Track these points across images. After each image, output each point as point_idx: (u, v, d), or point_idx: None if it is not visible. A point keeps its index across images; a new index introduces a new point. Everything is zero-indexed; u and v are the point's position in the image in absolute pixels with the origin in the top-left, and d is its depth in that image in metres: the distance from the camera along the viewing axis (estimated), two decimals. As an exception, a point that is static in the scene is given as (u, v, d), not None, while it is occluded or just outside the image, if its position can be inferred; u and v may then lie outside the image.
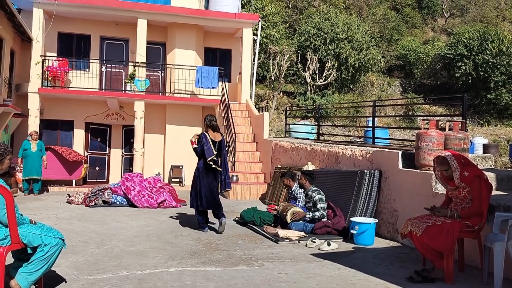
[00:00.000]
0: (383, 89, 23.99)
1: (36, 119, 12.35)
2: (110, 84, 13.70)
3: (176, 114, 13.96)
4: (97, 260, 4.69)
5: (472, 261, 4.62)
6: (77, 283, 3.86)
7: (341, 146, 8.20)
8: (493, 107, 22.02)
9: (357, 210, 6.34)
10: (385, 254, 5.22)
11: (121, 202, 8.99)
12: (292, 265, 4.63)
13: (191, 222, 7.04)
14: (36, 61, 12.53)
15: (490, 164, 6.61)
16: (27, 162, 10.51)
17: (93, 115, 13.85)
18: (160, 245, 5.50)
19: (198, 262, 4.69)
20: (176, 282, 3.97)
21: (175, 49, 14.22)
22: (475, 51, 21.91)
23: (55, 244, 3.46)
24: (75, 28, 14.00)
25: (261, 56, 20.29)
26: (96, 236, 5.96)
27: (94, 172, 14.07)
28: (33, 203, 9.16)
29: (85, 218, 7.41)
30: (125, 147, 14.47)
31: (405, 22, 30.46)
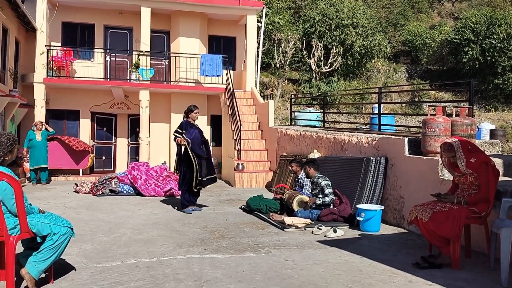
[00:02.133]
0: (389, 75, 23.79)
1: (42, 109, 12.40)
2: (115, 73, 13.70)
3: (181, 103, 13.93)
4: (106, 248, 4.74)
5: (478, 247, 4.62)
6: (86, 271, 3.91)
7: (347, 133, 8.18)
8: (500, 92, 21.79)
9: (363, 197, 6.34)
10: (391, 241, 5.23)
11: (128, 191, 9.05)
12: (299, 252, 4.66)
13: (198, 210, 7.09)
14: (40, 51, 12.54)
15: (497, 150, 6.57)
16: (33, 152, 10.59)
17: (99, 105, 13.88)
18: (168, 233, 5.54)
19: (206, 249, 4.73)
20: (184, 269, 4.01)
21: (179, 37, 14.16)
22: (482, 36, 21.62)
23: (64, 233, 3.49)
24: (79, 17, 13.96)
25: (266, 43, 20.16)
26: (104, 224, 6.01)
27: (100, 162, 14.15)
28: (41, 193, 9.25)
29: (93, 207, 7.48)
30: (131, 136, 14.52)
31: (411, 7, 30.06)
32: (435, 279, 3.76)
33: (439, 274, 3.92)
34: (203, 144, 7.16)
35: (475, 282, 3.73)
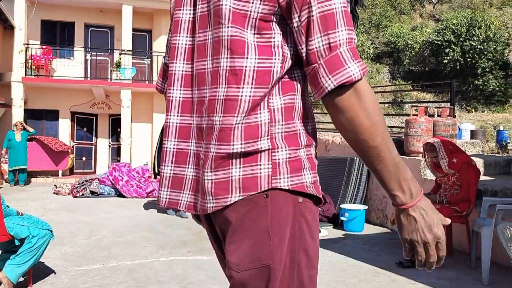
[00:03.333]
0: (371, 76, 24.06)
1: (20, 109, 12.13)
2: (96, 72, 13.49)
3: (164, 103, 13.71)
4: (86, 251, 4.65)
5: (460, 246, 4.68)
6: (66, 274, 3.82)
7: (330, 133, 8.21)
8: (480, 93, 22.25)
9: (347, 197, 6.37)
10: (375, 240, 5.26)
11: (109, 193, 8.92)
12: (283, 253, 4.64)
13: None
14: (19, 49, 12.26)
15: (477, 150, 6.67)
16: (13, 153, 10.36)
17: (79, 104, 13.66)
18: (150, 235, 5.46)
19: (189, 251, 4.67)
20: (167, 271, 3.95)
21: (161, 36, 14.03)
22: (463, 38, 22.03)
23: (43, 236, 3.40)
24: (58, 15, 13.71)
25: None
26: (85, 226, 5.90)
27: (81, 163, 13.93)
28: (19, 194, 9.04)
29: (73, 209, 7.34)
30: (112, 136, 14.33)
31: (393, 9, 30.46)
32: (418, 278, 3.79)
33: (422, 273, 3.94)
34: None
35: (457, 280, 3.77)
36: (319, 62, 0.88)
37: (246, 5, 0.90)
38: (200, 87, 0.99)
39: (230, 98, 0.92)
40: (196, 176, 0.99)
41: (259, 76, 0.92)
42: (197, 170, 0.99)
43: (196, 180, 1.00)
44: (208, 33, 0.97)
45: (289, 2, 0.89)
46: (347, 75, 0.86)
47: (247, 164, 0.92)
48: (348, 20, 0.88)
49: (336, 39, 0.87)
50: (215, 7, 0.93)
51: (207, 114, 0.96)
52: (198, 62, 0.99)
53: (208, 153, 0.95)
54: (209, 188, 0.94)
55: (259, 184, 0.92)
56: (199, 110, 0.99)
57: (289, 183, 0.94)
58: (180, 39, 1.03)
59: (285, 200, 0.94)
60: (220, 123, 0.93)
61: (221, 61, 0.93)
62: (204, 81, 0.98)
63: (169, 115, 1.05)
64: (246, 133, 0.92)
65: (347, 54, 0.87)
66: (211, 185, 0.94)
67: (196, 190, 0.99)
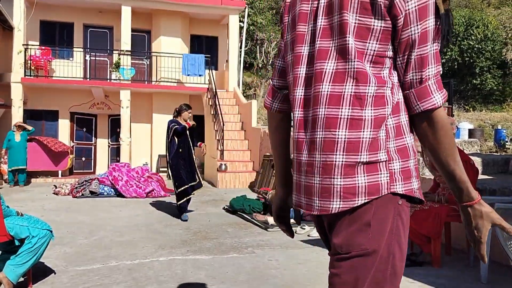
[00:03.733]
0: (370, 75, 24.07)
1: (20, 110, 12.14)
2: (95, 73, 13.50)
3: (163, 103, 13.84)
4: (86, 251, 4.66)
5: (458, 245, 4.70)
6: (66, 274, 3.83)
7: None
8: (478, 93, 22.28)
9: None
10: (374, 239, 5.27)
11: (109, 193, 8.93)
12: (282, 252, 4.65)
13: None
14: (18, 50, 12.27)
15: (476, 149, 6.70)
16: (12, 153, 10.37)
17: (78, 105, 13.67)
18: (150, 234, 5.48)
19: (188, 251, 4.69)
20: (167, 271, 3.96)
21: (160, 36, 14.05)
22: (461, 37, 22.07)
23: (43, 236, 3.41)
24: (57, 16, 13.72)
25: (248, 43, 20.18)
26: (85, 227, 5.91)
27: (80, 163, 13.94)
28: (19, 195, 9.05)
29: (73, 209, 7.35)
30: (111, 137, 14.34)
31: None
32: (416, 277, 3.80)
33: (420, 272, 3.96)
34: None
35: (456, 279, 3.79)
36: (411, 90, 1.15)
37: (364, 44, 1.15)
38: (314, 107, 1.20)
39: (356, 118, 1.14)
40: (308, 183, 1.21)
41: (376, 100, 1.15)
42: (309, 177, 1.21)
43: (308, 186, 1.21)
44: (327, 64, 1.18)
45: (397, 45, 1.15)
46: (432, 103, 1.13)
47: (370, 173, 1.14)
48: (437, 59, 1.14)
49: (426, 75, 1.13)
50: (341, 46, 1.16)
51: (325, 129, 1.17)
52: (316, 86, 1.20)
53: (331, 163, 1.15)
54: (338, 192, 1.14)
55: (381, 190, 1.14)
56: (313, 126, 1.20)
57: (402, 189, 1.16)
58: (300, 70, 1.26)
59: (388, 201, 1.15)
60: (347, 137, 1.14)
61: (346, 87, 1.15)
62: (318, 102, 1.19)
63: (294, 132, 1.29)
64: (371, 146, 1.14)
65: (434, 86, 1.13)
66: (340, 189, 1.14)
67: (310, 193, 1.21)
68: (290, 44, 1.32)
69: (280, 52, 1.43)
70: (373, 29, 1.14)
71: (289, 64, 1.33)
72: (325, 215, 1.21)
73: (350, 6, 1.14)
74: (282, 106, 1.45)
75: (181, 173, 6.42)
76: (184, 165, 6.45)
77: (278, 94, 1.46)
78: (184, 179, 6.42)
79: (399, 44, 1.15)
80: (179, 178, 6.42)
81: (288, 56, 1.33)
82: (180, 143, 6.44)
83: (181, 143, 6.46)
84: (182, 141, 6.48)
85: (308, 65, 1.24)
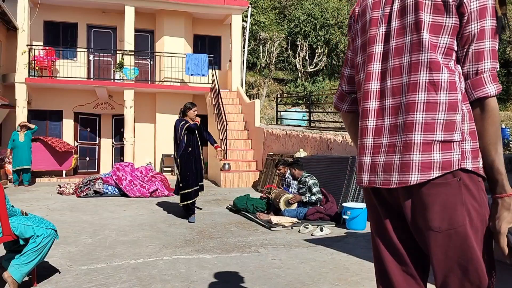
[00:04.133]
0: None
1: (24, 110, 12.19)
2: (99, 73, 13.55)
3: (166, 103, 13.87)
4: (90, 250, 4.68)
5: (462, 244, 4.69)
6: (70, 274, 3.85)
7: (332, 132, 8.23)
8: (482, 92, 22.18)
9: (349, 196, 6.39)
10: (377, 239, 5.26)
11: (113, 192, 8.96)
12: (286, 251, 4.66)
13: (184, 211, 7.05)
14: (22, 50, 12.32)
15: (479, 148, 6.68)
16: (16, 153, 10.41)
17: (82, 105, 13.71)
18: (154, 234, 5.49)
19: (192, 250, 4.70)
20: (171, 270, 3.97)
21: (164, 36, 14.07)
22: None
23: (47, 235, 3.43)
24: (61, 16, 13.77)
25: (251, 43, 20.17)
26: (89, 226, 5.93)
27: (84, 163, 13.99)
28: (24, 195, 9.09)
29: (77, 208, 7.38)
30: (115, 136, 14.38)
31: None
32: (420, 276, 3.79)
33: (424, 271, 3.95)
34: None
35: (459, 278, 3.78)
36: (468, 81, 1.33)
37: (437, 39, 1.33)
38: (395, 96, 1.39)
39: (431, 101, 1.32)
40: (387, 161, 1.38)
41: (449, 86, 1.32)
42: (389, 156, 1.38)
43: (387, 164, 1.38)
44: (403, 58, 1.38)
45: (459, 40, 1.34)
46: (485, 92, 1.30)
47: (444, 151, 1.31)
48: (493, 55, 1.31)
49: (482, 68, 1.31)
50: (415, 40, 1.35)
51: (405, 114, 1.35)
52: (394, 79, 1.39)
53: (410, 141, 1.33)
54: (416, 166, 1.31)
55: (452, 165, 1.29)
56: (393, 113, 1.39)
57: (471, 166, 1.30)
58: (374, 66, 1.45)
59: (471, 180, 1.30)
60: (424, 119, 1.32)
61: (420, 75, 1.33)
62: (399, 91, 1.38)
63: (366, 120, 1.46)
64: (446, 127, 1.31)
65: (488, 78, 1.31)
66: (418, 164, 1.31)
67: (389, 170, 1.37)
68: (360, 46, 1.52)
69: (347, 61, 1.65)
70: (445, 26, 1.33)
71: (359, 64, 1.53)
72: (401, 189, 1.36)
73: (424, 7, 1.34)
74: (351, 107, 1.71)
75: (188, 174, 6.28)
76: (194, 165, 6.31)
77: (347, 97, 1.71)
78: (189, 182, 6.29)
79: (461, 38, 1.33)
80: (185, 179, 6.31)
81: (358, 57, 1.54)
82: (189, 142, 6.33)
83: (190, 142, 6.34)
84: (191, 139, 6.36)
85: (382, 62, 1.44)
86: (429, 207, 1.31)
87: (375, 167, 1.42)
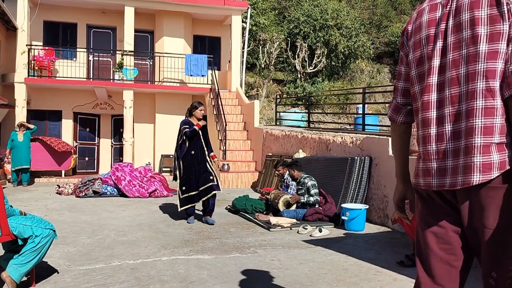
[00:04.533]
0: (372, 76, 24.04)
1: (23, 110, 12.19)
2: (98, 73, 13.54)
3: (166, 103, 13.87)
4: (89, 250, 4.67)
5: (461, 245, 4.69)
6: (69, 274, 3.85)
7: (331, 133, 8.23)
8: (481, 93, 22.22)
9: (348, 197, 6.39)
10: (376, 240, 5.28)
11: (112, 192, 8.95)
12: (284, 252, 4.66)
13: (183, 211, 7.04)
14: (21, 50, 12.32)
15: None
16: (15, 153, 10.40)
17: (81, 105, 13.71)
18: (152, 234, 5.49)
19: (191, 250, 4.70)
20: (169, 270, 3.98)
21: (163, 37, 14.08)
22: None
23: (46, 235, 3.43)
24: (61, 17, 13.77)
25: (251, 43, 20.18)
26: (87, 226, 5.93)
27: (83, 163, 13.98)
28: (23, 194, 9.08)
29: (76, 208, 7.37)
30: (114, 137, 14.38)
31: (394, 9, 30.41)
32: (419, 277, 3.80)
33: (423, 272, 3.96)
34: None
35: (458, 279, 3.78)
36: (505, 79, 1.41)
37: (497, 45, 1.42)
38: (454, 104, 1.50)
39: (489, 107, 1.42)
40: (454, 165, 1.49)
41: (501, 93, 1.42)
42: (455, 160, 1.49)
43: (453, 168, 1.49)
44: (460, 69, 1.49)
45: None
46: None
47: (500, 152, 1.42)
48: None
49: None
50: (471, 53, 1.45)
51: (466, 120, 1.46)
52: (452, 89, 1.51)
53: (471, 145, 1.44)
54: (477, 168, 1.43)
55: (506, 165, 1.41)
56: (454, 120, 1.50)
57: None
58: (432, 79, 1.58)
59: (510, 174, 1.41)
60: (483, 123, 1.43)
61: (477, 84, 1.44)
62: (458, 100, 1.49)
63: (429, 128, 1.57)
64: (501, 130, 1.42)
65: None
66: (479, 165, 1.42)
67: (455, 173, 1.48)
68: (415, 61, 1.65)
69: (401, 75, 1.77)
70: (503, 33, 1.42)
71: (415, 77, 1.65)
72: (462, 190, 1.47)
73: (481, 22, 1.44)
74: (406, 119, 1.82)
75: (191, 178, 6.02)
76: (196, 168, 6.04)
77: (403, 109, 1.81)
78: (192, 184, 6.01)
79: (508, 40, 1.42)
80: (188, 182, 6.03)
81: (412, 71, 1.67)
82: (192, 145, 6.07)
83: (193, 145, 6.07)
84: (195, 142, 6.09)
85: (439, 74, 1.56)
86: (486, 207, 1.43)
87: (443, 171, 1.53)
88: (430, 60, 1.58)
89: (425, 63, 1.60)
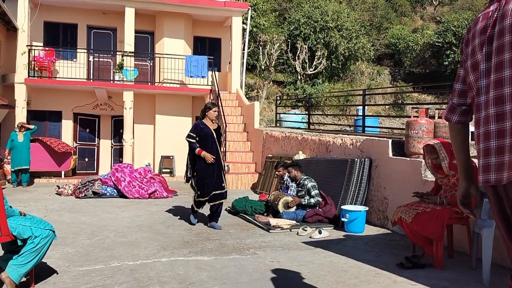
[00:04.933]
0: (372, 77, 24.05)
1: (23, 110, 12.19)
2: (98, 74, 13.54)
3: (166, 104, 13.87)
4: (88, 251, 4.67)
5: (461, 247, 4.69)
6: (68, 275, 3.84)
7: (331, 135, 8.23)
8: (481, 95, 22.19)
9: (348, 198, 6.39)
10: (376, 241, 5.27)
11: (112, 193, 8.94)
12: (284, 253, 4.66)
13: (183, 212, 7.04)
14: (22, 51, 12.32)
15: (478, 152, 6.67)
16: (15, 153, 10.40)
17: (82, 106, 13.71)
18: (152, 235, 5.49)
19: (190, 252, 4.69)
20: (169, 272, 3.97)
21: (163, 38, 14.09)
22: (464, 39, 22.00)
23: (45, 236, 3.43)
24: (61, 17, 13.78)
25: (251, 45, 20.19)
26: (87, 227, 5.93)
27: (83, 163, 13.97)
28: (22, 195, 9.08)
29: (75, 209, 7.37)
30: (114, 137, 14.38)
31: (394, 11, 30.44)
32: (418, 279, 3.80)
33: (422, 274, 3.96)
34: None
35: (458, 281, 3.78)
36: None
37: None
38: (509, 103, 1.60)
39: None
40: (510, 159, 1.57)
41: None
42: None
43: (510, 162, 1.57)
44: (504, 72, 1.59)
45: None
46: None
47: None
48: None
49: None
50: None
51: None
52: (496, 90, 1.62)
53: None
54: None
55: None
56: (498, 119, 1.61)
57: None
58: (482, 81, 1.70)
59: None
60: None
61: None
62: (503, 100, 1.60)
63: (488, 125, 1.66)
64: None
65: None
66: None
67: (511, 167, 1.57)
68: (471, 67, 1.76)
69: (459, 78, 1.91)
70: None
71: (471, 82, 1.77)
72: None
73: None
74: (461, 118, 1.94)
75: (206, 182, 5.88)
76: (211, 173, 5.90)
77: (457, 109, 1.94)
78: (207, 189, 5.89)
79: None
80: (202, 187, 5.90)
81: (470, 77, 1.78)
82: (208, 149, 5.87)
83: (209, 149, 5.87)
84: (210, 146, 5.90)
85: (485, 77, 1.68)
86: None
87: (501, 166, 1.61)
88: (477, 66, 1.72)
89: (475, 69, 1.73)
